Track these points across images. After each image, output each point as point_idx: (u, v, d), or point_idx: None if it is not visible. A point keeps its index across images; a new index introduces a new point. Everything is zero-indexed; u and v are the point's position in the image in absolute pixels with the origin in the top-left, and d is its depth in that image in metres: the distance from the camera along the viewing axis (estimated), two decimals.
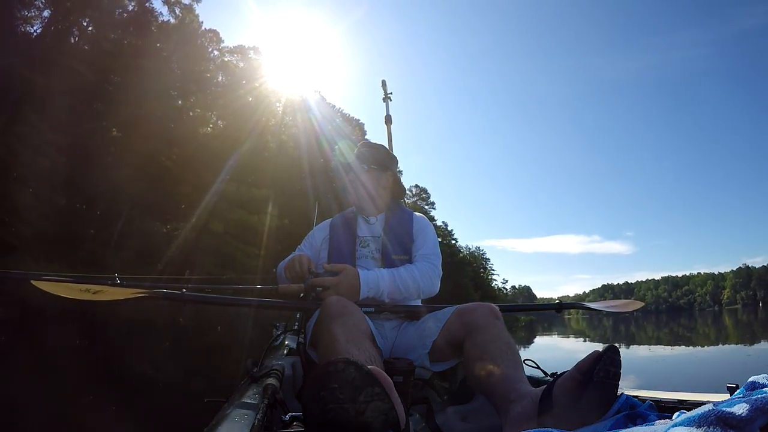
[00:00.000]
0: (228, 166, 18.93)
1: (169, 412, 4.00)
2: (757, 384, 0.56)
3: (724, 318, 45.44)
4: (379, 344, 1.29)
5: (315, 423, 0.74)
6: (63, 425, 3.71)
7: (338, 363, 0.73)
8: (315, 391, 0.73)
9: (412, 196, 45.90)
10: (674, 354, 11.43)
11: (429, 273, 1.59)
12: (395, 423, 0.74)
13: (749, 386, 0.58)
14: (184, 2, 21.08)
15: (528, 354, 1.35)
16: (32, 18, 16.44)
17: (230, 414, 0.86)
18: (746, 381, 0.61)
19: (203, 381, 5.60)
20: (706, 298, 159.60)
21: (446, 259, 26.93)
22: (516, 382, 1.03)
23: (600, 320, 34.40)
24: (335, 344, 1.07)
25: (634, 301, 2.06)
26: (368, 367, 0.74)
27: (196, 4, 21.50)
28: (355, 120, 31.32)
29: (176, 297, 1.45)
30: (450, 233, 51.40)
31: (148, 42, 18.97)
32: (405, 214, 1.78)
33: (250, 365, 1.28)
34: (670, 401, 0.94)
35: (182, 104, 21.21)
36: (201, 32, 22.38)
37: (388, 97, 2.94)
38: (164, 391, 5.19)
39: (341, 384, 0.72)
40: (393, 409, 0.74)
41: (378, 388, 0.73)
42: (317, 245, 1.76)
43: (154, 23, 19.96)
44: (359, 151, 1.80)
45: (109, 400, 4.28)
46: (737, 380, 0.78)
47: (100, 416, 3.87)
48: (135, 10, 19.27)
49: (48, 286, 1.38)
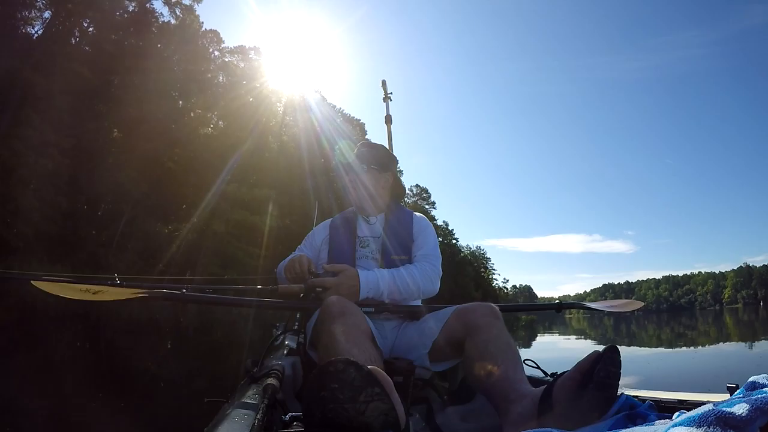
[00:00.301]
0: (229, 166, 18.96)
1: (170, 412, 4.01)
2: (757, 384, 0.56)
3: (725, 317, 45.31)
4: (379, 344, 1.29)
5: (315, 423, 0.74)
6: (65, 425, 3.71)
7: (338, 363, 0.73)
8: (315, 391, 0.73)
9: (413, 196, 45.93)
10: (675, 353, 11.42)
11: (429, 273, 1.58)
12: (395, 423, 0.74)
13: (749, 386, 0.58)
14: (185, 3, 21.14)
15: (529, 354, 1.34)
16: (33, 19, 16.48)
17: (230, 414, 0.86)
18: (746, 381, 0.61)
19: (204, 380, 5.61)
20: (707, 297, 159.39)
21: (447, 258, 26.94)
22: (516, 382, 1.03)
23: (601, 319, 34.37)
24: (335, 344, 1.07)
25: (634, 301, 2.06)
26: (368, 367, 0.74)
27: (196, 4, 21.57)
28: (356, 120, 31.38)
29: (176, 297, 1.45)
30: (451, 233, 51.45)
31: (149, 43, 19.02)
32: (405, 214, 1.78)
33: (250, 365, 1.28)
34: (670, 401, 0.94)
35: (183, 105, 21.27)
36: (202, 33, 22.44)
37: (388, 97, 2.94)
38: (166, 390, 5.20)
39: (341, 384, 0.72)
40: (393, 409, 0.74)
41: (378, 388, 0.73)
42: (317, 245, 1.76)
43: (155, 24, 19.99)
44: (359, 151, 1.79)
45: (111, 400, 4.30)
46: (739, 380, 0.78)
47: (101, 416, 3.87)
48: (136, 11, 19.29)
49: (48, 286, 1.39)
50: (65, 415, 3.89)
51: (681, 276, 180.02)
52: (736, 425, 0.40)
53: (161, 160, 17.95)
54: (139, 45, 18.86)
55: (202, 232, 19.70)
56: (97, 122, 16.76)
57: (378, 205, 1.75)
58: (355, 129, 26.71)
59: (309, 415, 0.75)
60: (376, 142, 1.97)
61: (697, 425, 0.41)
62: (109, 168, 16.21)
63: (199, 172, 18.19)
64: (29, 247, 13.02)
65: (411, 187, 46.67)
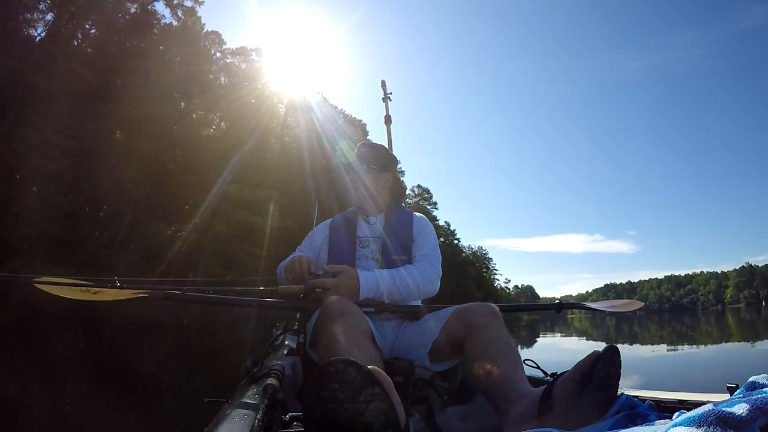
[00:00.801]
0: (230, 167, 19.00)
1: (173, 411, 4.02)
2: (757, 384, 0.56)
3: (727, 317, 45.25)
4: (379, 344, 1.29)
5: (315, 423, 0.74)
6: (67, 424, 3.73)
7: (338, 363, 0.73)
8: (315, 391, 0.73)
9: (415, 197, 45.87)
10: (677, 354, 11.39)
11: (429, 273, 1.59)
12: (395, 423, 0.74)
13: (749, 386, 0.58)
14: (186, 5, 21.18)
15: (530, 354, 1.34)
16: (35, 21, 16.53)
17: (230, 414, 0.86)
18: (746, 381, 0.61)
19: (204, 380, 5.62)
20: (709, 297, 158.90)
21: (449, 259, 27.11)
22: (516, 382, 1.03)
23: (602, 319, 34.30)
24: (335, 344, 1.07)
25: (634, 301, 2.05)
26: (368, 367, 0.74)
27: (198, 6, 21.61)
28: (358, 121, 31.35)
29: (176, 297, 1.45)
30: (452, 233, 51.38)
31: (150, 44, 19.09)
32: (405, 214, 1.78)
33: (250, 365, 1.28)
34: (670, 401, 0.94)
35: (185, 106, 21.31)
36: (203, 34, 22.49)
37: (388, 97, 2.94)
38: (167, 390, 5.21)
39: (341, 384, 0.72)
40: (393, 409, 0.74)
41: (378, 388, 0.73)
42: (317, 245, 1.77)
43: (156, 26, 20.03)
44: (359, 151, 1.80)
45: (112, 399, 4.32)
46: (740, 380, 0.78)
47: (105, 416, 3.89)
48: (137, 13, 19.33)
49: (49, 287, 1.39)
50: (67, 414, 3.92)
51: (683, 276, 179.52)
52: (736, 425, 0.39)
53: (162, 160, 17.99)
54: (140, 46, 18.93)
55: (204, 233, 19.69)
56: (98, 123, 16.79)
57: (378, 205, 1.75)
58: (356, 130, 26.71)
59: (309, 415, 0.75)
60: (376, 142, 1.97)
61: (697, 425, 0.41)
62: (110, 168, 16.26)
63: (200, 173, 18.24)
64: (32, 249, 13.06)
65: (413, 188, 46.68)
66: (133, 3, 19.28)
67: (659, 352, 11.60)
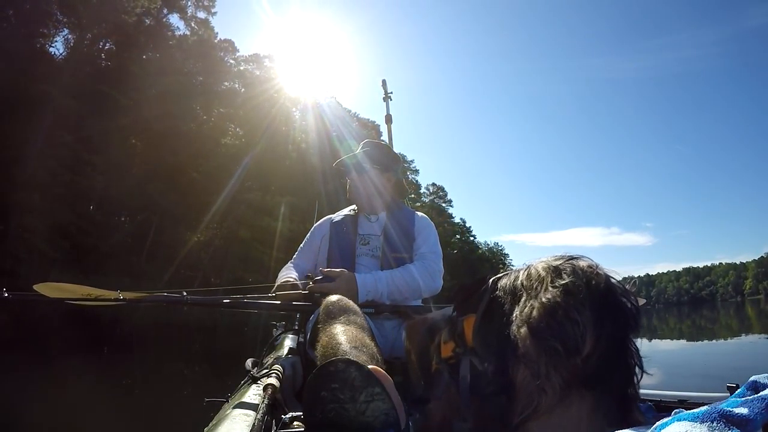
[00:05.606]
0: (241, 169, 19.35)
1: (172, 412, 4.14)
2: (759, 383, 0.55)
3: (747, 308, 44.36)
4: (380, 344, 1.28)
5: (315, 423, 0.74)
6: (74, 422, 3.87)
7: (339, 363, 0.72)
8: (315, 391, 0.73)
9: (429, 195, 45.54)
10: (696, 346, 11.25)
11: (430, 270, 1.59)
12: (396, 423, 0.73)
13: (750, 386, 0.56)
14: (199, 16, 21.63)
15: None
16: (51, 36, 17.09)
17: (230, 414, 0.86)
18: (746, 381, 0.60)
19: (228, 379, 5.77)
20: (728, 289, 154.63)
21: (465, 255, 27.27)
22: None
23: None
24: (335, 344, 1.07)
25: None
26: (369, 366, 0.73)
27: (211, 17, 22.05)
28: (371, 122, 31.15)
29: (177, 300, 1.49)
30: (468, 230, 50.92)
31: (167, 57, 19.56)
32: (406, 213, 1.79)
33: (250, 365, 1.28)
34: (670, 401, 0.93)
35: (204, 116, 21.98)
36: (217, 43, 22.83)
37: (389, 97, 2.93)
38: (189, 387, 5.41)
39: (341, 384, 0.71)
40: (394, 409, 0.73)
41: (378, 387, 0.72)
42: (317, 244, 1.79)
43: (172, 38, 20.39)
44: (363, 150, 1.81)
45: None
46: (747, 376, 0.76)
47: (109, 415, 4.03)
48: (152, 25, 19.70)
49: (51, 290, 1.42)
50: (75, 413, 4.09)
51: (701, 267, 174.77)
52: (740, 423, 0.38)
53: (187, 170, 18.63)
54: (156, 58, 19.39)
55: (227, 239, 20.56)
56: (125, 138, 17.68)
57: (380, 204, 1.77)
58: (369, 132, 26.59)
59: (309, 415, 0.75)
60: (379, 142, 2.00)
61: (700, 421, 0.40)
62: (138, 181, 17.06)
63: (220, 181, 18.78)
64: (66, 259, 13.90)
65: (427, 186, 46.19)
66: (147, 17, 19.63)
67: (677, 346, 11.47)
